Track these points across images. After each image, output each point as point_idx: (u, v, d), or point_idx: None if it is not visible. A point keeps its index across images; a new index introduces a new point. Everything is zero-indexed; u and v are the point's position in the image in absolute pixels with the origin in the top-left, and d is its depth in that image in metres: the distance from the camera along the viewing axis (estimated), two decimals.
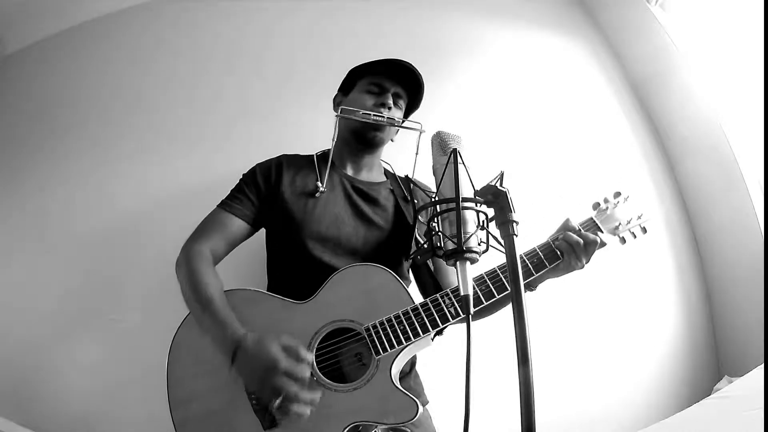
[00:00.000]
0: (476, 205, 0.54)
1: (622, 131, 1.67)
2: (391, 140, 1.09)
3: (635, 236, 0.93)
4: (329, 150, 1.07)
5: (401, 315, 0.83)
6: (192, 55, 1.50)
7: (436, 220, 0.55)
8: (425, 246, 0.57)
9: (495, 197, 0.54)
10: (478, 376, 0.55)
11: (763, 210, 1.39)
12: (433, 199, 0.56)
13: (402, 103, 1.06)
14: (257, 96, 1.47)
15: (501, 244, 0.54)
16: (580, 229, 0.88)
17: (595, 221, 0.91)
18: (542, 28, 1.73)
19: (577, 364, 1.40)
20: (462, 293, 0.50)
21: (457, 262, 0.51)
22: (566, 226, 0.89)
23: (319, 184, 0.98)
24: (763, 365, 1.02)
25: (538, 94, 1.64)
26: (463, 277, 0.50)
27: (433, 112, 1.52)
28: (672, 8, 1.61)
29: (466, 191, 0.55)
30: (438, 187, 0.56)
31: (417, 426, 0.91)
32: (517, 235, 0.52)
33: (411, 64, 1.02)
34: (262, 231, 1.03)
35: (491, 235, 0.55)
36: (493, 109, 1.59)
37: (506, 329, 0.52)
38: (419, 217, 0.98)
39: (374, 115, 0.98)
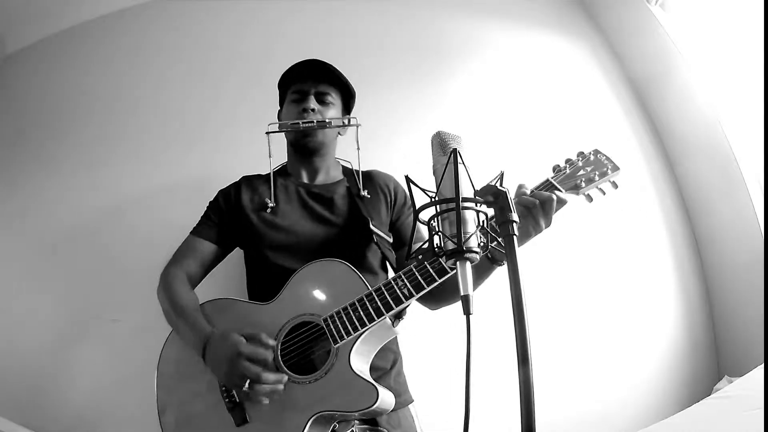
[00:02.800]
0: (476, 205, 0.54)
1: (622, 131, 1.67)
2: (339, 134, 1.12)
3: (604, 193, 0.88)
4: (283, 164, 1.12)
5: (356, 302, 0.83)
6: (191, 55, 1.50)
7: (435, 220, 0.55)
8: (425, 246, 0.57)
9: (495, 197, 0.54)
10: (478, 376, 0.55)
11: (763, 210, 1.39)
12: (433, 199, 0.56)
13: (331, 98, 1.08)
14: (256, 97, 1.46)
15: (501, 244, 0.54)
16: (533, 191, 0.83)
17: (551, 181, 0.85)
18: (542, 28, 1.73)
19: (577, 364, 1.40)
20: (462, 293, 0.50)
21: (458, 262, 0.51)
22: (519, 192, 0.83)
23: (267, 200, 1.04)
24: (763, 365, 1.02)
25: (538, 95, 1.64)
26: (463, 278, 0.50)
27: (435, 112, 1.54)
28: (672, 8, 1.61)
29: (466, 191, 0.55)
30: (438, 187, 0.56)
31: (395, 426, 0.92)
32: (517, 235, 0.52)
33: (316, 59, 1.06)
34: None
35: (491, 234, 0.55)
36: (493, 109, 1.59)
37: (506, 329, 0.52)
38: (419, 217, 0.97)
39: (303, 122, 1.01)
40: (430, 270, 0.81)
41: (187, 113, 1.44)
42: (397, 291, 0.82)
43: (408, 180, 0.59)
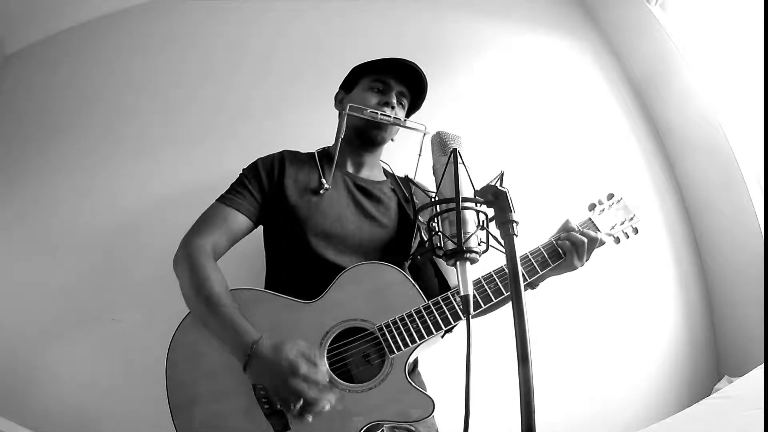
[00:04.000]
0: (476, 205, 0.54)
1: (622, 131, 1.67)
2: (392, 140, 1.09)
3: (628, 236, 0.98)
4: (330, 147, 1.06)
5: (414, 313, 0.83)
6: (196, 54, 1.50)
7: (436, 220, 0.55)
8: (425, 246, 0.57)
9: (495, 197, 0.54)
10: (478, 376, 0.55)
11: (763, 210, 1.39)
12: (433, 199, 0.56)
13: (405, 102, 1.07)
14: (262, 96, 1.47)
15: (501, 244, 0.54)
16: (580, 229, 0.91)
17: (593, 222, 0.95)
18: (542, 28, 1.73)
19: (577, 363, 1.40)
20: (462, 293, 0.50)
21: (457, 262, 0.51)
22: (566, 227, 0.92)
23: (324, 181, 0.97)
24: (763, 365, 1.02)
25: (538, 95, 1.64)
26: (463, 277, 0.50)
27: (435, 112, 1.53)
28: (672, 8, 1.61)
29: (466, 191, 0.55)
30: (438, 187, 0.56)
31: (421, 423, 0.91)
32: (517, 235, 0.52)
33: (416, 64, 1.03)
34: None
35: (491, 235, 0.55)
36: (493, 109, 1.59)
37: (506, 329, 0.52)
38: (419, 217, 0.98)
39: (381, 114, 0.98)
40: (488, 290, 0.85)
41: (192, 114, 1.44)
42: (456, 307, 0.84)
43: (408, 180, 0.59)
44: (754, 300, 1.37)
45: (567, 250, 0.88)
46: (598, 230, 0.94)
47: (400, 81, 1.04)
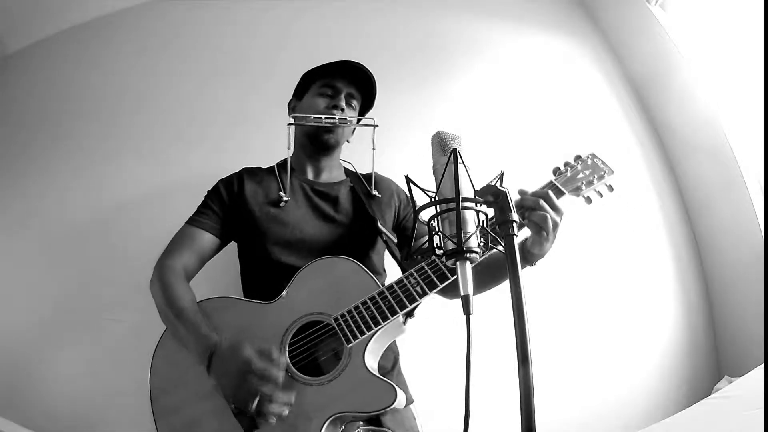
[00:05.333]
0: (476, 205, 0.54)
1: (622, 131, 1.67)
2: (347, 141, 1.11)
3: (601, 195, 0.90)
4: (287, 158, 1.08)
5: (368, 300, 0.82)
6: (196, 54, 1.50)
7: (436, 220, 0.55)
8: (425, 245, 0.57)
9: (495, 197, 0.54)
10: (478, 376, 0.55)
11: (763, 210, 1.39)
12: (433, 199, 0.56)
13: (356, 104, 1.09)
14: (261, 96, 1.47)
15: (501, 244, 0.54)
16: (536, 191, 0.82)
17: (555, 184, 0.86)
18: (542, 29, 1.73)
19: (577, 364, 1.40)
20: (462, 293, 0.50)
21: (458, 262, 0.52)
22: (521, 192, 0.82)
23: (282, 193, 1.01)
24: (763, 365, 1.02)
25: (538, 95, 1.65)
26: (463, 278, 0.50)
27: (435, 112, 1.54)
28: (672, 8, 1.61)
29: (466, 191, 0.55)
30: (438, 187, 0.56)
31: (399, 425, 0.91)
32: (517, 235, 0.52)
33: (362, 65, 1.05)
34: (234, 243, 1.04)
35: (491, 235, 0.55)
36: (493, 109, 1.59)
37: (506, 329, 0.52)
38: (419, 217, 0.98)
39: (326, 118, 1.00)
40: (443, 267, 0.82)
41: (193, 112, 1.44)
42: (411, 289, 0.82)
43: (408, 180, 0.59)
44: (754, 300, 1.37)
45: (524, 224, 0.79)
46: (562, 192, 0.84)
47: (348, 83, 1.06)
